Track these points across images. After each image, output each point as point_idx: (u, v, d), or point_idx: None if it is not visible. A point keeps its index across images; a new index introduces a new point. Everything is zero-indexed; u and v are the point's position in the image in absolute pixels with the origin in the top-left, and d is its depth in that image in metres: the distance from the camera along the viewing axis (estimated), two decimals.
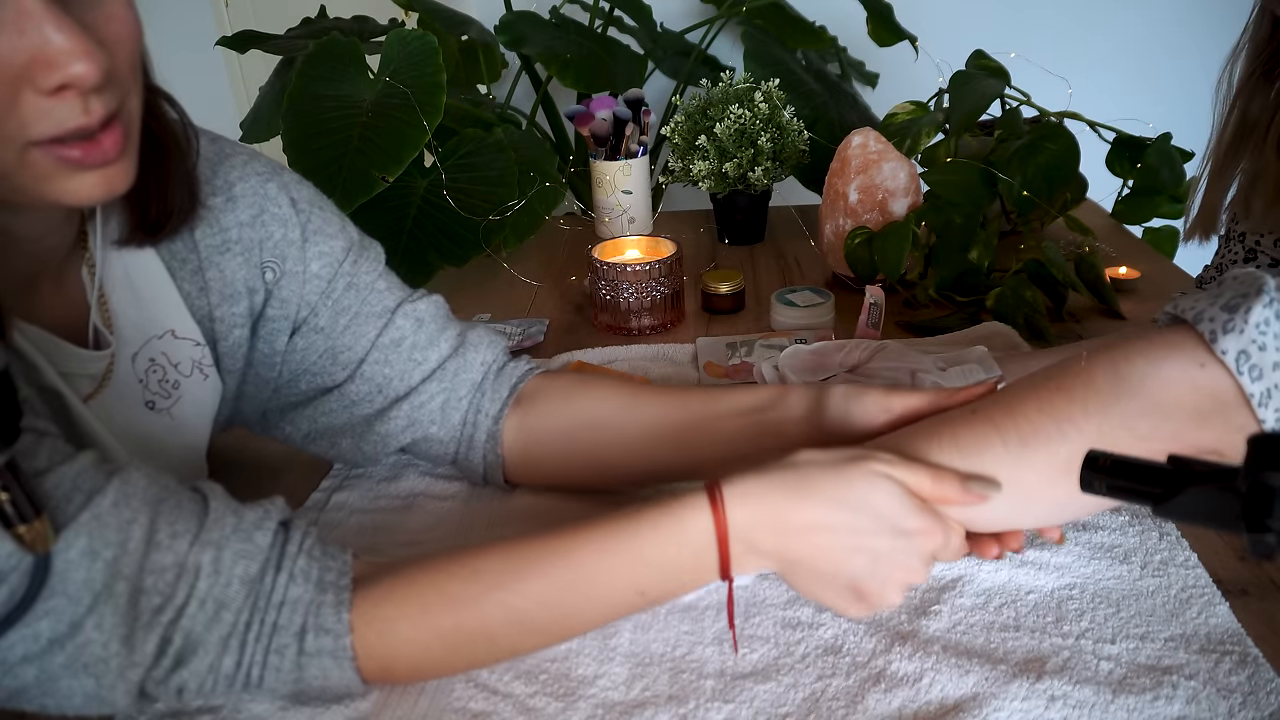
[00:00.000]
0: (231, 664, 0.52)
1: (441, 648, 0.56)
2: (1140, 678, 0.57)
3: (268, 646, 0.53)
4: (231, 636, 0.52)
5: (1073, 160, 1.23)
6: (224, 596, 0.52)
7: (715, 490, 0.54)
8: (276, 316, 0.72)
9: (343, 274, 0.73)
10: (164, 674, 0.51)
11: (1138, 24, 1.96)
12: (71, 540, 0.48)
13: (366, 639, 0.55)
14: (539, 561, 0.55)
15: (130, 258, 0.65)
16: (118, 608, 0.49)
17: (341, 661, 0.54)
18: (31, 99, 0.46)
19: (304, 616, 0.54)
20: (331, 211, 0.75)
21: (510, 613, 0.55)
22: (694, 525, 0.54)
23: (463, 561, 0.56)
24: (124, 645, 0.49)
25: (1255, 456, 0.41)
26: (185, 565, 0.51)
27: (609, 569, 0.55)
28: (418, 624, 0.55)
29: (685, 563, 0.55)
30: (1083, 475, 0.49)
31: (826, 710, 0.56)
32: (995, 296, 1.06)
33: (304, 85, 1.13)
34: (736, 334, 1.10)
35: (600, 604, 0.56)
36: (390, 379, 0.74)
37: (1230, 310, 0.52)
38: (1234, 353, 0.52)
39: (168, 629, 0.51)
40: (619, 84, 1.46)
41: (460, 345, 0.76)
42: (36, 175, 0.49)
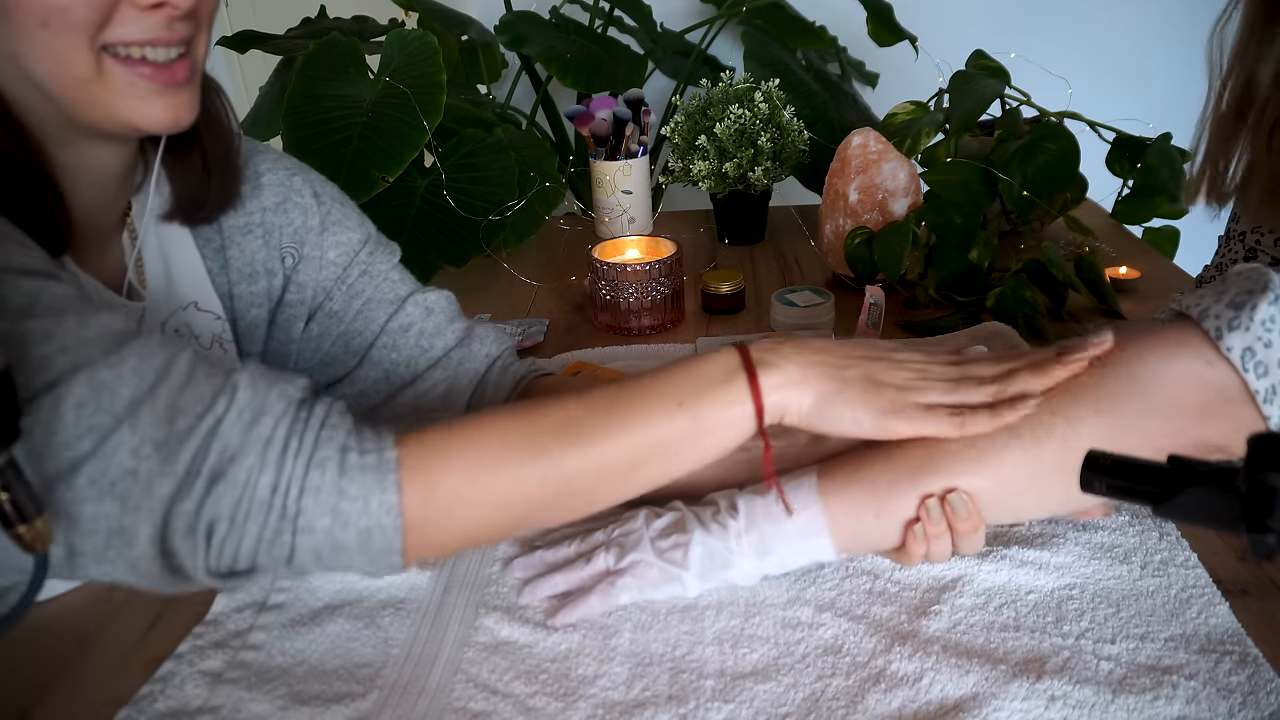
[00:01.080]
0: (269, 483, 0.49)
1: (490, 460, 0.54)
2: (1140, 678, 0.57)
3: (309, 460, 0.50)
4: (270, 445, 0.50)
5: (1073, 160, 1.23)
6: (263, 405, 0.51)
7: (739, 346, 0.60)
8: (293, 302, 0.74)
9: (358, 262, 0.76)
10: (198, 500, 0.48)
11: (1138, 24, 1.96)
12: (123, 358, 0.48)
13: (412, 456, 0.53)
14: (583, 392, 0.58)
15: (164, 232, 0.69)
16: (155, 411, 0.48)
17: (385, 477, 0.51)
18: (125, 9, 0.53)
19: (345, 438, 0.52)
20: (352, 208, 0.79)
21: (557, 422, 0.56)
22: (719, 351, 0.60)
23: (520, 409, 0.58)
24: (157, 450, 0.48)
25: (1256, 456, 0.41)
26: (224, 386, 0.51)
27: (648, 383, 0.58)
28: (468, 439, 0.54)
29: (715, 373, 0.58)
30: (1083, 475, 0.49)
31: (826, 710, 0.56)
32: (995, 296, 1.06)
33: (304, 85, 1.13)
34: (736, 334, 1.10)
35: (643, 409, 0.57)
36: (397, 364, 0.75)
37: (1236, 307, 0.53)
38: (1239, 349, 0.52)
39: (204, 440, 0.49)
40: (619, 84, 1.46)
41: (466, 337, 0.78)
42: (113, 88, 0.55)
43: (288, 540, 0.50)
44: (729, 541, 0.64)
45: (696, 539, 0.64)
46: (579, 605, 0.64)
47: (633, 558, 0.65)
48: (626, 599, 0.64)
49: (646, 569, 0.64)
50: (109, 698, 0.60)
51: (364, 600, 0.67)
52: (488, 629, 0.64)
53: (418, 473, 0.52)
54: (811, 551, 0.64)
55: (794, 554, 0.64)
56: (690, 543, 0.64)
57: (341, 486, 0.51)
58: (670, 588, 0.64)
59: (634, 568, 0.64)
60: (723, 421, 0.58)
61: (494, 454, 0.54)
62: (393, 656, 0.62)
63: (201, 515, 0.48)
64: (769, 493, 0.64)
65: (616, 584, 0.64)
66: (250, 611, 0.66)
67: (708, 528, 0.64)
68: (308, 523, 0.50)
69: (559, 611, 0.64)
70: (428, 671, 0.61)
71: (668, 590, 0.64)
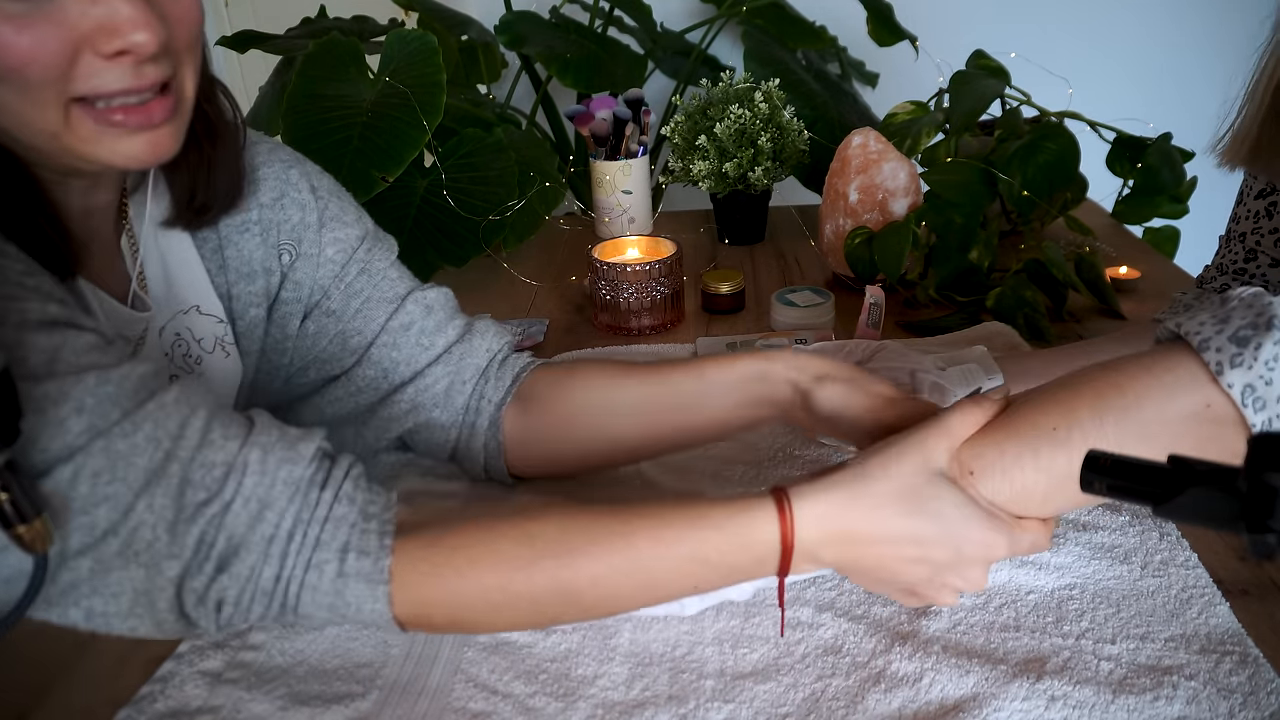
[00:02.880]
0: (271, 575, 0.51)
1: (484, 605, 0.55)
2: (1140, 678, 0.57)
3: (309, 560, 0.52)
4: (274, 542, 0.51)
5: (1073, 160, 1.23)
6: (268, 497, 0.52)
7: (784, 500, 0.54)
8: (290, 299, 0.73)
9: (356, 260, 0.75)
10: (206, 581, 0.50)
11: (1138, 24, 1.96)
12: (138, 424, 0.49)
13: (408, 577, 0.53)
14: (596, 541, 0.55)
15: (164, 235, 0.68)
16: (169, 490, 0.49)
17: (376, 588, 0.52)
18: (89, 60, 0.50)
19: (348, 535, 0.53)
20: (349, 202, 0.77)
21: (559, 585, 0.54)
22: (760, 534, 0.54)
23: (518, 524, 0.56)
24: (168, 531, 0.49)
25: (1255, 456, 0.41)
26: (234, 464, 0.51)
27: (667, 561, 0.55)
28: (464, 575, 0.54)
29: (745, 566, 0.55)
30: (1083, 475, 0.49)
31: (826, 710, 0.56)
32: (995, 296, 1.06)
33: (304, 85, 1.13)
34: (736, 334, 1.10)
35: (652, 593, 0.56)
36: (397, 363, 0.75)
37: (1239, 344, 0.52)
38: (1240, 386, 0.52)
39: (210, 525, 0.50)
40: (619, 84, 1.46)
41: (467, 333, 0.78)
42: (82, 136, 0.52)
43: (290, 618, 0.54)
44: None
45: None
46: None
47: None
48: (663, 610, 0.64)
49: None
50: (109, 698, 0.60)
51: None
52: None
53: (410, 591, 0.53)
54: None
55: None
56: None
57: (338, 588, 0.53)
58: (668, 605, 0.63)
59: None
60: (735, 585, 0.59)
61: (485, 598, 0.54)
62: (392, 656, 0.62)
63: (209, 595, 0.51)
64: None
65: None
66: None
67: None
68: (306, 612, 0.53)
69: None
70: (428, 671, 0.61)
71: (664, 609, 0.64)
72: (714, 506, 0.55)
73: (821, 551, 0.55)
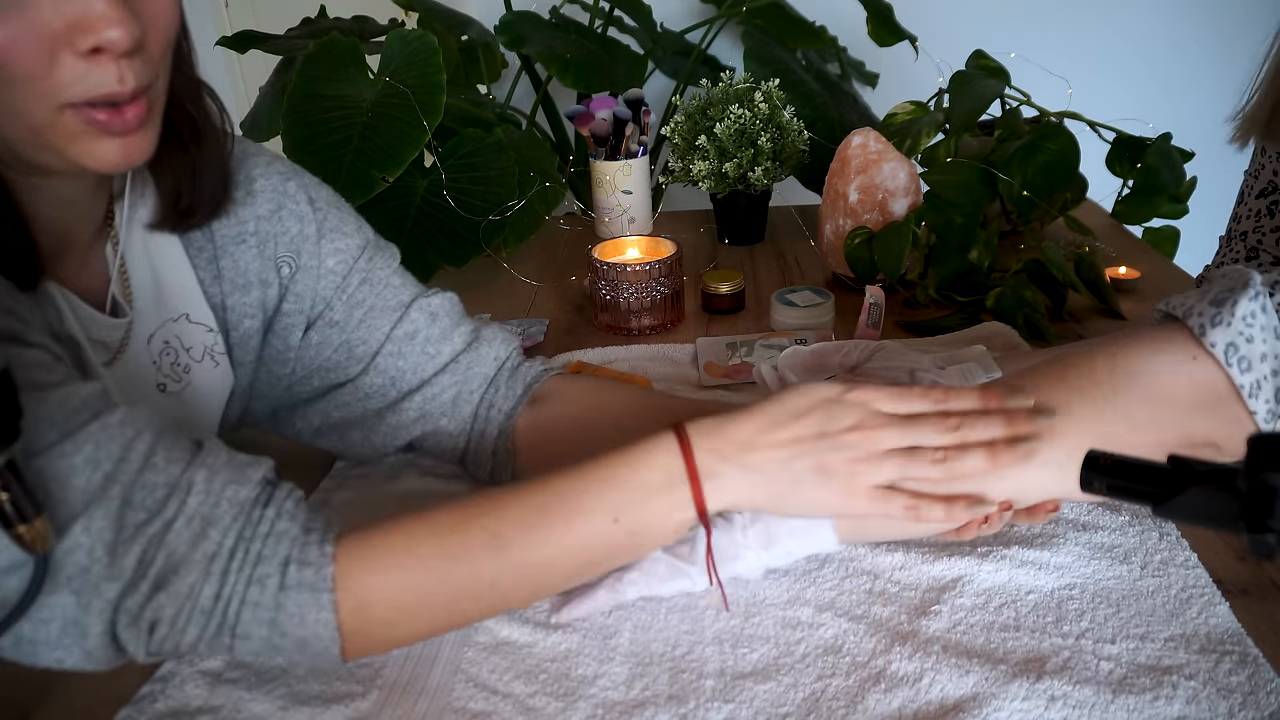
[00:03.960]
0: (211, 594, 0.51)
1: (423, 577, 0.55)
2: (1140, 678, 0.57)
3: (250, 576, 0.52)
4: (215, 559, 0.51)
5: (1073, 160, 1.23)
6: (212, 515, 0.52)
7: (679, 425, 0.59)
8: (291, 312, 0.73)
9: (358, 270, 0.74)
10: (141, 600, 0.50)
11: (1138, 24, 1.96)
12: (78, 445, 0.49)
13: (349, 575, 0.54)
14: (519, 492, 0.58)
15: (153, 242, 0.67)
16: (109, 513, 0.49)
17: (320, 596, 0.53)
18: (69, 61, 0.50)
19: (289, 549, 0.53)
20: (349, 212, 0.77)
21: (491, 537, 0.56)
22: (660, 446, 0.58)
23: (450, 502, 0.58)
24: (107, 553, 0.49)
25: (1255, 457, 0.41)
26: (177, 485, 0.51)
27: (583, 490, 0.57)
28: (400, 550, 0.55)
29: (655, 482, 0.57)
30: (1083, 475, 0.50)
31: (826, 710, 0.56)
32: (995, 296, 1.06)
33: (304, 85, 1.13)
34: (736, 334, 1.10)
35: (575, 528, 0.57)
36: (404, 371, 0.75)
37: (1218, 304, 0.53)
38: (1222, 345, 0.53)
39: (151, 543, 0.50)
40: (619, 84, 1.46)
41: (474, 340, 0.77)
42: (66, 135, 0.52)
43: (226, 641, 0.53)
44: (734, 534, 0.64)
45: (702, 533, 0.64)
46: (585, 600, 0.64)
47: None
48: (634, 594, 0.64)
49: (654, 564, 0.64)
50: (109, 697, 0.60)
51: None
52: (487, 629, 0.64)
53: (351, 591, 0.53)
54: (815, 542, 0.65)
55: (798, 544, 0.65)
56: (696, 537, 0.64)
57: (280, 601, 0.52)
58: (678, 582, 0.64)
59: (640, 563, 0.64)
60: (661, 530, 0.59)
61: (424, 568, 0.55)
62: (393, 656, 0.62)
63: (144, 615, 0.50)
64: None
65: (624, 579, 0.64)
66: None
67: (713, 521, 0.64)
68: (245, 631, 0.52)
69: (564, 607, 0.64)
70: (428, 671, 0.61)
71: (675, 585, 0.64)
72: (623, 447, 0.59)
73: (723, 455, 0.58)
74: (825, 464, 0.57)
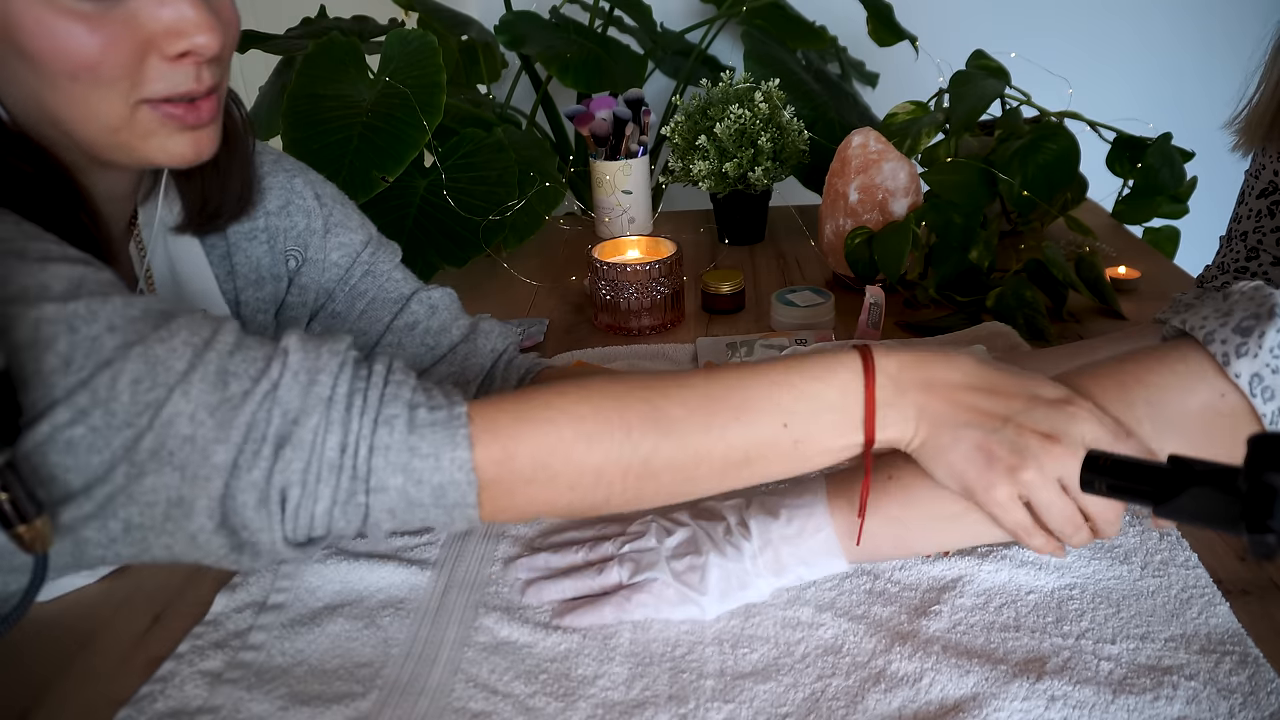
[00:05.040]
0: (336, 443, 0.48)
1: (574, 433, 0.52)
2: (1140, 678, 0.57)
3: (376, 417, 0.49)
4: (333, 404, 0.49)
5: (1073, 160, 1.23)
6: (317, 365, 0.50)
7: (866, 348, 0.56)
8: (295, 304, 0.74)
9: (361, 262, 0.76)
10: (267, 466, 0.47)
11: (1138, 24, 1.96)
12: (174, 331, 0.48)
13: (488, 415, 0.51)
14: (682, 378, 0.55)
15: (173, 241, 0.69)
16: (206, 377, 0.47)
17: (455, 432, 0.50)
18: (155, 63, 0.53)
19: (411, 394, 0.51)
20: (353, 209, 0.79)
21: (653, 410, 0.53)
22: (845, 364, 0.55)
23: (604, 374, 0.55)
24: (211, 415, 0.47)
25: (1255, 457, 0.41)
26: (274, 353, 0.50)
27: (756, 387, 0.55)
28: (551, 407, 0.52)
29: (831, 398, 0.55)
30: (1083, 476, 0.50)
31: (826, 710, 0.56)
32: (995, 296, 1.06)
33: (304, 85, 1.13)
34: (736, 334, 1.10)
35: (743, 421, 0.54)
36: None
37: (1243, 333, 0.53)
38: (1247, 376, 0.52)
39: (261, 405, 0.48)
40: (619, 84, 1.46)
41: (471, 333, 0.78)
42: (142, 132, 0.55)
43: (362, 500, 0.50)
44: (744, 563, 0.64)
45: (713, 562, 0.64)
46: (591, 612, 0.64)
47: (648, 575, 0.64)
48: (641, 615, 0.64)
49: (664, 589, 0.64)
50: (109, 697, 0.60)
51: (364, 600, 0.67)
52: (488, 629, 0.64)
53: (494, 435, 0.51)
54: (827, 566, 0.65)
55: (809, 570, 0.65)
56: (707, 566, 0.63)
57: (412, 444, 0.49)
58: (687, 609, 0.64)
59: (650, 585, 0.64)
60: (827, 450, 0.56)
61: (577, 428, 0.52)
62: (393, 656, 0.62)
63: (272, 484, 0.48)
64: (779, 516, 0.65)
65: (633, 599, 0.64)
66: (250, 611, 0.66)
67: (722, 550, 0.64)
68: (380, 482, 0.49)
69: (568, 614, 0.64)
70: (428, 671, 0.61)
71: (684, 611, 0.64)
72: (803, 356, 0.57)
73: (901, 390, 0.55)
74: (992, 450, 0.54)
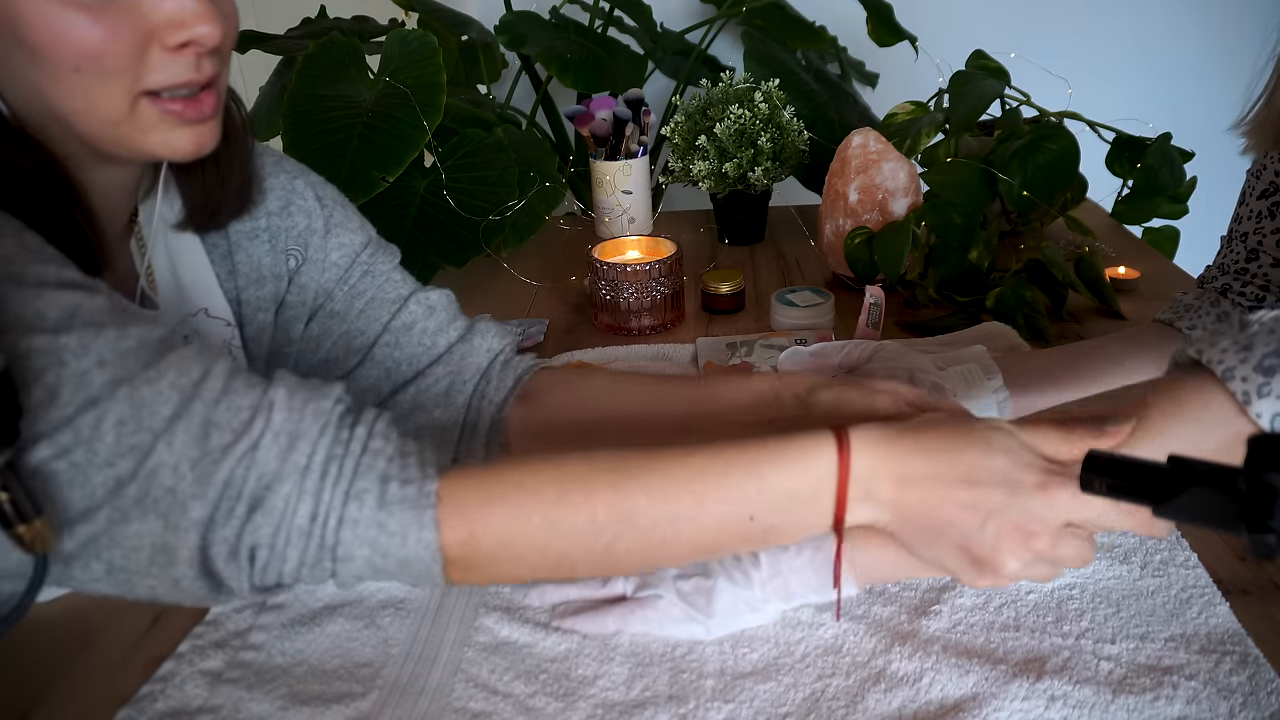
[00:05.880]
0: (307, 512, 0.49)
1: (539, 519, 0.52)
2: (1140, 678, 0.57)
3: (347, 492, 0.50)
4: (308, 474, 0.49)
5: (1073, 160, 1.23)
6: (298, 429, 0.50)
7: (842, 432, 0.54)
8: (295, 303, 0.74)
9: (360, 263, 0.76)
10: (238, 525, 0.48)
11: (1138, 24, 1.96)
12: (162, 372, 0.48)
13: (457, 500, 0.51)
14: (655, 457, 0.54)
15: (173, 239, 0.69)
16: (190, 429, 0.48)
17: (423, 513, 0.50)
18: (156, 53, 0.53)
19: (386, 466, 0.51)
20: (353, 211, 0.79)
21: (618, 495, 0.53)
22: (818, 457, 0.54)
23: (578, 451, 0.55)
24: (192, 469, 0.48)
25: (1255, 457, 0.41)
26: (259, 405, 0.50)
27: (724, 479, 0.54)
28: (520, 488, 0.52)
29: (802, 493, 0.54)
30: (1083, 476, 0.49)
31: (826, 710, 0.56)
32: (995, 296, 1.06)
33: (304, 85, 1.13)
34: (736, 334, 1.10)
35: (708, 512, 0.53)
36: (399, 362, 0.76)
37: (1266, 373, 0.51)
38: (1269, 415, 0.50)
39: (239, 463, 0.49)
40: (619, 84, 1.46)
41: (468, 333, 0.78)
42: (141, 125, 0.55)
43: (328, 566, 0.51)
44: (753, 590, 0.63)
45: (721, 587, 0.63)
46: (593, 618, 0.64)
47: (654, 591, 0.64)
48: (643, 629, 0.64)
49: (670, 607, 0.63)
50: (109, 697, 0.60)
51: (364, 600, 0.67)
52: (488, 629, 0.64)
53: (460, 518, 0.51)
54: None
55: (818, 596, 0.64)
56: (714, 590, 0.63)
57: (380, 520, 0.50)
58: (691, 629, 0.63)
59: (656, 602, 0.64)
60: (793, 535, 0.55)
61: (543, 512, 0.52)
62: (393, 656, 0.62)
63: (242, 541, 0.49)
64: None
65: (636, 613, 0.64)
66: (250, 611, 0.66)
67: (731, 576, 0.63)
68: (346, 552, 0.50)
69: (570, 618, 0.64)
70: (428, 671, 0.61)
71: (688, 630, 0.63)
72: (774, 437, 0.55)
73: (877, 484, 0.53)
74: (974, 552, 0.53)
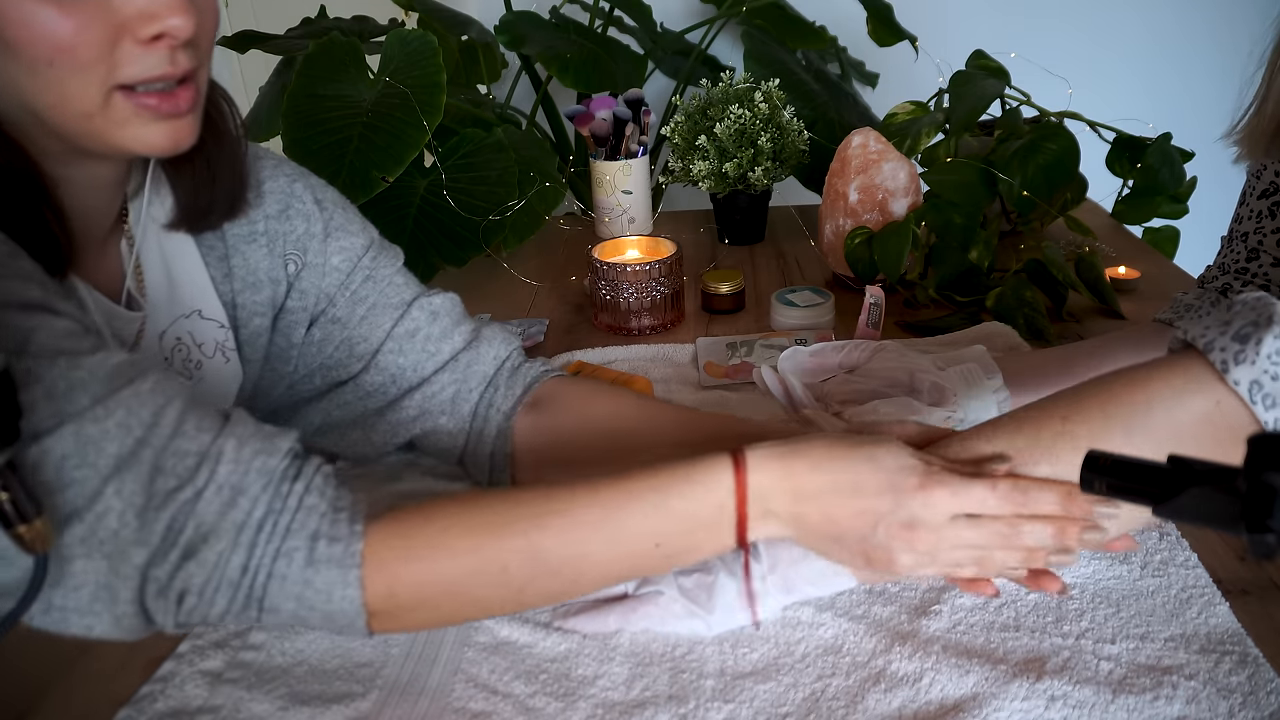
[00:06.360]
0: (239, 564, 0.51)
1: (455, 571, 0.54)
2: (1140, 678, 0.57)
3: (277, 550, 0.51)
4: (244, 530, 0.51)
5: (1073, 160, 1.23)
6: (242, 484, 0.51)
7: (739, 454, 0.56)
8: (295, 308, 0.74)
9: (361, 268, 0.75)
10: (170, 569, 0.50)
11: (1138, 24, 1.96)
12: (110, 411, 0.48)
13: (380, 557, 0.53)
14: (562, 498, 0.56)
15: (167, 240, 0.68)
16: (139, 477, 0.49)
17: (348, 573, 0.52)
18: (128, 46, 0.53)
19: (317, 523, 0.53)
20: (354, 213, 0.78)
21: (528, 543, 0.55)
22: (716, 480, 0.56)
23: (488, 496, 0.57)
24: (137, 517, 0.48)
25: (1255, 456, 0.41)
26: (207, 452, 0.51)
27: (629, 511, 0.56)
28: (435, 546, 0.54)
29: (705, 516, 0.56)
30: (1083, 476, 0.49)
31: (826, 710, 0.56)
32: (995, 296, 1.06)
33: (304, 85, 1.13)
34: (736, 334, 1.10)
35: (616, 548, 0.56)
36: (404, 369, 0.75)
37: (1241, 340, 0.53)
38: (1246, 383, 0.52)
39: (181, 511, 0.50)
40: (619, 84, 1.46)
41: (474, 339, 0.78)
42: (116, 120, 0.55)
43: (254, 614, 0.53)
44: (754, 584, 0.63)
45: (722, 582, 0.63)
46: (594, 617, 0.64)
47: (655, 588, 0.64)
48: (644, 625, 0.64)
49: (671, 603, 0.63)
50: (109, 697, 0.60)
51: None
52: (488, 629, 0.64)
53: (381, 575, 0.53)
54: (834, 585, 0.64)
55: (817, 589, 0.64)
56: (715, 585, 0.63)
57: (307, 577, 0.52)
58: (693, 624, 0.63)
59: (657, 599, 0.64)
60: (699, 557, 0.58)
61: (456, 564, 0.54)
62: (392, 656, 0.62)
63: (173, 584, 0.50)
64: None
65: (638, 610, 0.64)
66: None
67: (732, 570, 0.63)
68: (273, 604, 0.52)
69: (570, 617, 0.64)
70: (428, 671, 0.61)
71: (689, 625, 0.63)
72: (676, 462, 0.57)
73: (774, 502, 0.56)
74: (869, 554, 0.56)
